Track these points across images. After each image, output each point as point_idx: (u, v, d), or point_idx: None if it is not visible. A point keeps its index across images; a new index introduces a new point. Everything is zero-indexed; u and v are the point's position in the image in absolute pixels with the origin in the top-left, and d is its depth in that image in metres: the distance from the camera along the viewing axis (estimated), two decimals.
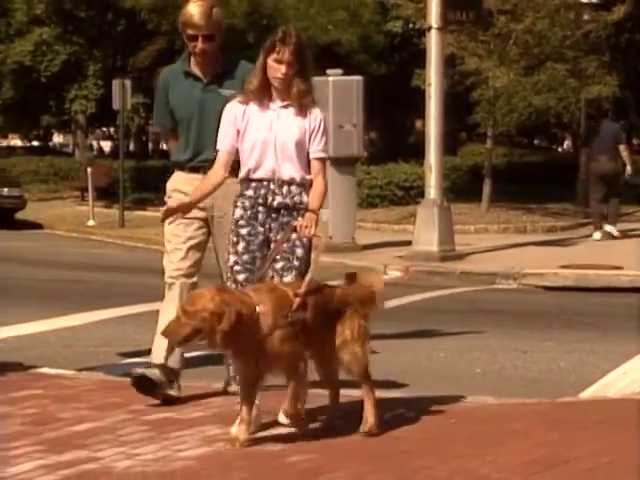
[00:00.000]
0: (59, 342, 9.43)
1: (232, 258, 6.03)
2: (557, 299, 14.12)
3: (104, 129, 49.55)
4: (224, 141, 6.05)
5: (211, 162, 6.27)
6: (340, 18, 29.44)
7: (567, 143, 52.07)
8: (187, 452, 5.52)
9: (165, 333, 5.61)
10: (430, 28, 17.37)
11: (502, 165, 30.37)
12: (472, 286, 15.08)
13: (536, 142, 51.81)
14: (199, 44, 6.49)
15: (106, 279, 14.97)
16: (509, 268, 16.28)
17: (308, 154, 5.98)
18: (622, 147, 20.70)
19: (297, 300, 5.52)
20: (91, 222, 24.69)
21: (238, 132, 5.98)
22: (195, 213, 6.46)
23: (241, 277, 5.98)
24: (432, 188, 17.68)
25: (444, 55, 18.16)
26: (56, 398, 6.73)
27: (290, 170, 5.95)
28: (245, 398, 5.62)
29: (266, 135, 5.91)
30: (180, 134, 6.78)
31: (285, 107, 5.94)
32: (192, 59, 6.67)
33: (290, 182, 5.96)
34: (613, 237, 20.34)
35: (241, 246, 6.00)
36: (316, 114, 5.98)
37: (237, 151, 6.05)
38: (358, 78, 18.42)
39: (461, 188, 25.61)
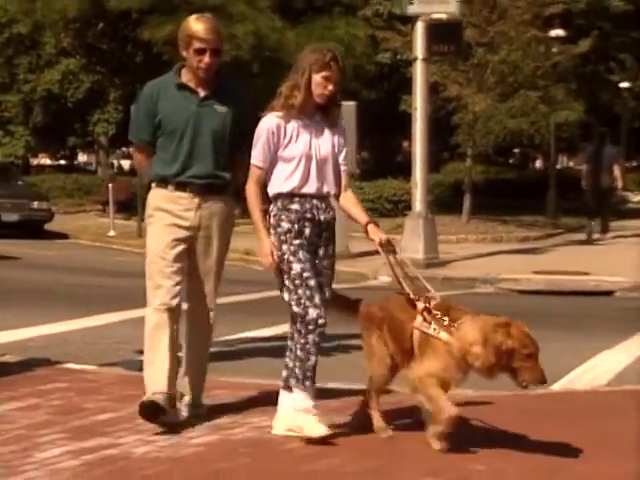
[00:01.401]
0: (83, 340, 9.39)
1: (298, 266, 5.33)
2: (530, 302, 14.09)
3: (124, 149, 49.47)
4: (265, 159, 5.46)
5: (199, 178, 5.73)
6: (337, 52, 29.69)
7: (538, 162, 52.08)
8: (197, 439, 5.50)
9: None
10: (416, 59, 17.39)
11: (480, 181, 30.31)
12: (454, 290, 15.01)
13: (511, 161, 51.73)
14: (206, 58, 5.74)
15: (126, 284, 14.91)
16: (487, 274, 16.26)
17: (338, 169, 5.60)
18: (616, 166, 21.72)
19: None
20: (112, 232, 24.60)
21: (277, 148, 5.45)
22: (181, 233, 5.76)
23: (312, 282, 5.32)
24: (418, 202, 17.72)
25: (428, 83, 18.18)
26: (80, 390, 6.71)
27: (329, 185, 5.53)
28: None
29: (308, 151, 5.44)
30: (165, 148, 5.84)
31: (320, 123, 5.51)
32: (184, 73, 5.87)
33: (329, 196, 5.57)
34: (592, 240, 21.44)
35: (301, 254, 5.36)
36: (342, 130, 5.63)
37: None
38: (352, 103, 18.40)
39: (444, 202, 25.60)
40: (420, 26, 17.18)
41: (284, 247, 5.39)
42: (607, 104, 40.46)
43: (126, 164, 53.04)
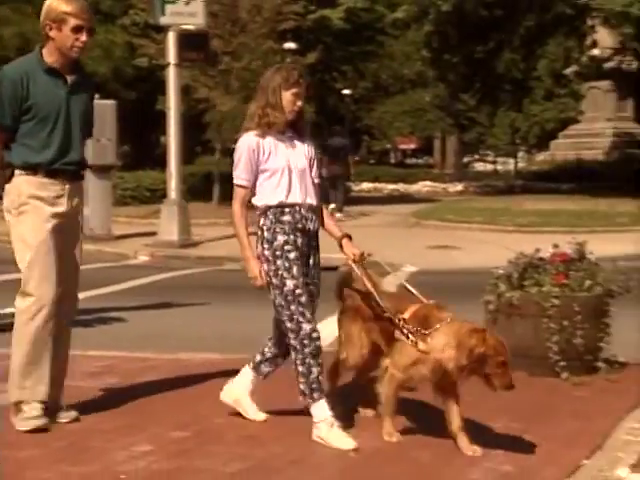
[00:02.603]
0: None
1: (291, 283, 4.82)
2: None
3: None
4: (249, 178, 4.94)
5: (72, 165, 5.08)
6: (96, 54, 29.19)
7: None
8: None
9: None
10: (169, 64, 17.31)
11: (228, 172, 30.36)
12: (205, 267, 15.08)
13: None
14: (83, 36, 4.98)
15: None
16: (234, 253, 16.36)
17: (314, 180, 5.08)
18: (350, 157, 24.48)
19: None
20: None
21: (258, 165, 4.92)
22: (56, 220, 5.01)
23: (304, 299, 4.84)
24: (173, 190, 17.71)
25: (180, 85, 18.14)
26: None
27: (311, 196, 4.99)
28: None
29: (288, 164, 4.93)
30: (34, 135, 5.01)
31: (292, 137, 5.01)
32: (47, 55, 5.04)
33: (312, 207, 5.00)
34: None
35: (295, 270, 4.84)
36: (311, 142, 5.12)
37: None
38: (112, 102, 18.17)
39: (197, 190, 25.53)
40: (172, 35, 17.12)
41: (279, 262, 4.86)
42: (333, 107, 42.39)
43: None
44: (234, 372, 5.33)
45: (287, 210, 4.91)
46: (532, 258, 6.54)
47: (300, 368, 4.84)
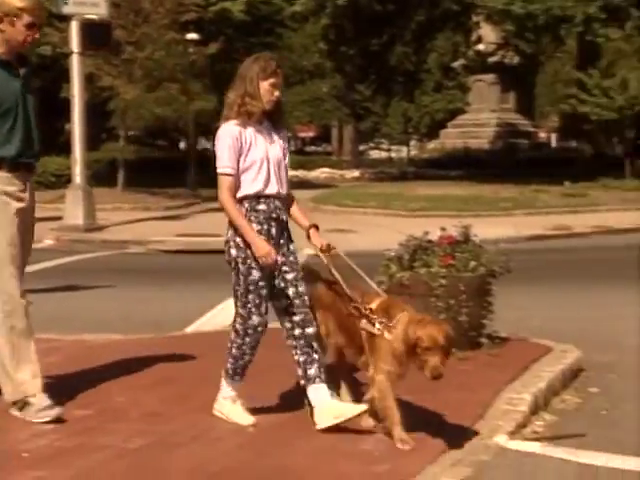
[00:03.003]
0: None
1: (257, 274, 4.63)
2: (174, 260, 14.21)
3: None
4: (234, 166, 4.65)
5: (32, 158, 4.90)
6: None
7: (182, 143, 52.26)
8: None
9: (439, 369, 4.29)
10: (72, 53, 16.94)
11: (133, 159, 29.96)
12: (110, 251, 14.84)
13: (159, 142, 51.51)
14: (36, 34, 4.82)
15: None
16: (138, 236, 16.19)
17: (286, 171, 4.87)
18: None
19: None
20: None
21: (240, 154, 4.67)
22: (22, 214, 4.78)
23: (264, 292, 4.67)
24: (77, 176, 17.43)
25: (84, 74, 17.78)
26: None
27: (284, 186, 4.79)
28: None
29: (266, 154, 4.71)
30: None
31: (268, 128, 4.78)
32: None
33: (284, 197, 4.80)
34: None
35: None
36: (285, 133, 4.95)
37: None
38: None
39: (102, 176, 25.04)
40: (75, 24, 16.78)
41: (249, 251, 4.62)
42: None
43: None
44: (136, 352, 5.28)
45: (262, 200, 4.70)
46: (421, 241, 6.63)
47: (234, 351, 4.73)
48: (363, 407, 4.63)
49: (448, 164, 33.97)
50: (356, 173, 39.00)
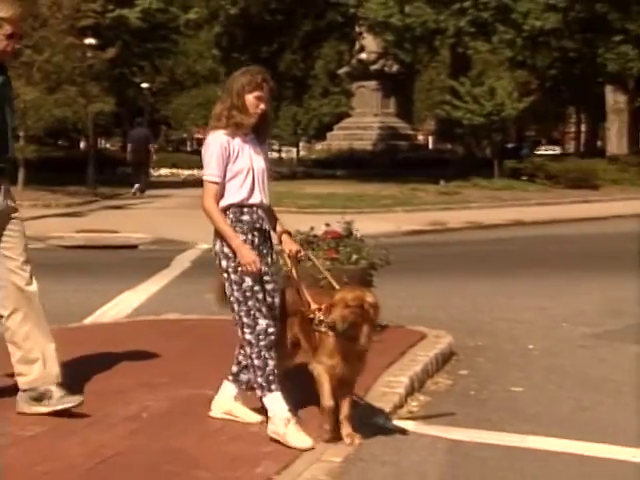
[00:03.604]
0: None
1: (249, 279, 4.43)
2: (73, 255, 13.86)
3: None
4: (221, 174, 4.48)
5: (9, 162, 4.60)
6: None
7: (82, 143, 51.04)
8: None
9: (336, 320, 4.24)
10: None
11: (34, 158, 29.10)
12: None
13: (60, 142, 50.17)
14: (18, 44, 4.62)
15: None
16: (38, 232, 15.72)
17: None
18: (150, 146, 25.98)
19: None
20: None
21: (227, 163, 4.50)
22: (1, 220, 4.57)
23: (261, 295, 4.48)
24: None
25: None
26: None
27: (266, 196, 4.61)
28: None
29: (251, 164, 4.54)
30: None
31: (254, 139, 4.61)
32: None
33: (267, 206, 4.62)
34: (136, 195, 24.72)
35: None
36: (268, 145, 4.80)
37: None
38: None
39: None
40: None
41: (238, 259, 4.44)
42: (133, 100, 41.60)
43: None
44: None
45: (246, 210, 4.53)
46: (308, 235, 6.67)
47: (256, 362, 4.43)
48: (257, 418, 4.57)
49: (334, 164, 34.26)
50: None
